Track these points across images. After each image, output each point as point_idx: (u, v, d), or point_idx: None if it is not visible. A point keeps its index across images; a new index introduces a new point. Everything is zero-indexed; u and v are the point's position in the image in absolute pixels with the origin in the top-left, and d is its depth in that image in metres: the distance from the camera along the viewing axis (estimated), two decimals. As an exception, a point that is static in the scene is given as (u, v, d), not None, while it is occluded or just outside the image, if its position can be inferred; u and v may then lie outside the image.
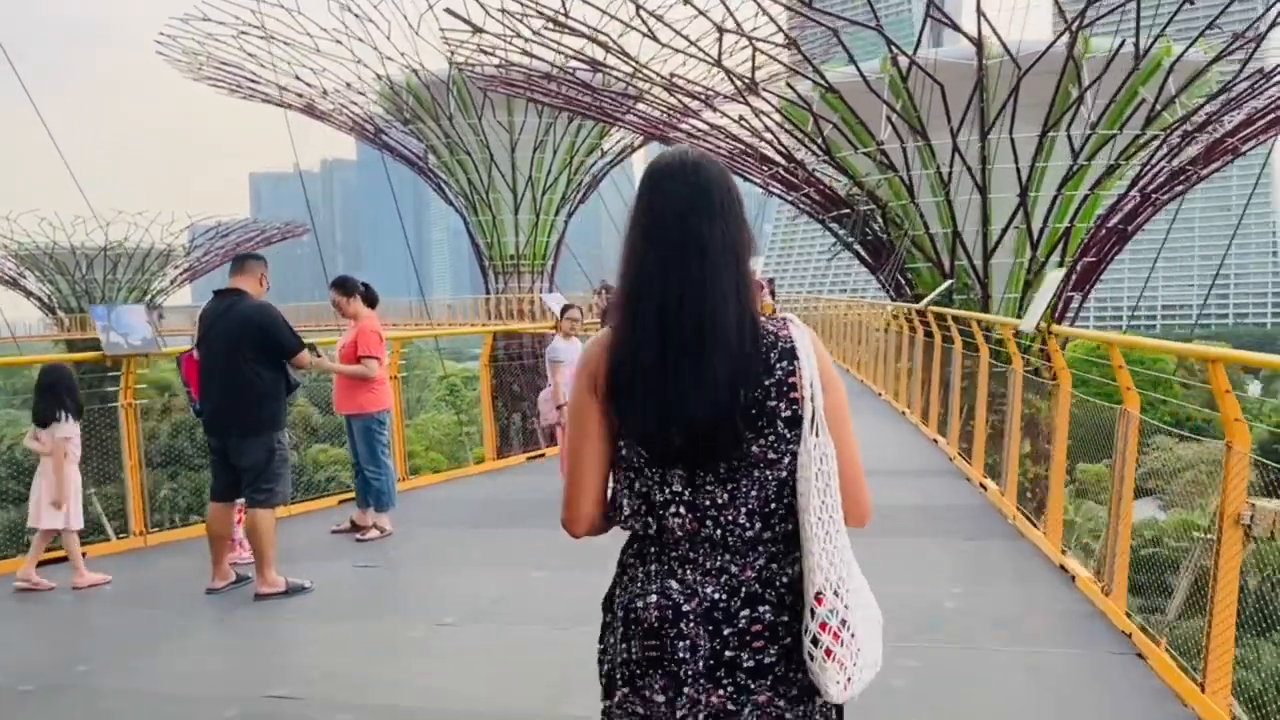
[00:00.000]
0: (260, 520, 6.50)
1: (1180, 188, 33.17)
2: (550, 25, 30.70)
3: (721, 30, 27.95)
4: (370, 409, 8.02)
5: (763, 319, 1.88)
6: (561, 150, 48.85)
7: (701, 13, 28.42)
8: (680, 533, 1.86)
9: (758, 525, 1.85)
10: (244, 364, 6.48)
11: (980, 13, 26.39)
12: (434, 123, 48.73)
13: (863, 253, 37.03)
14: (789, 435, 1.83)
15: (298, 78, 47.68)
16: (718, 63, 29.13)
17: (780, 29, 27.96)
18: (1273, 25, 24.36)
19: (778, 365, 1.84)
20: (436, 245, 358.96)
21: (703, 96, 32.19)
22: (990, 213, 31.87)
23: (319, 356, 7.57)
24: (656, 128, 37.14)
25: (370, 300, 8.21)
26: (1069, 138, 29.34)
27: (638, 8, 27.98)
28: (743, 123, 32.78)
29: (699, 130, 34.64)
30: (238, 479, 6.57)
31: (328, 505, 9.25)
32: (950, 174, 31.06)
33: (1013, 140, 29.18)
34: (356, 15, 44.97)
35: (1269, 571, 8.98)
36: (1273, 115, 30.11)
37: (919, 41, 29.91)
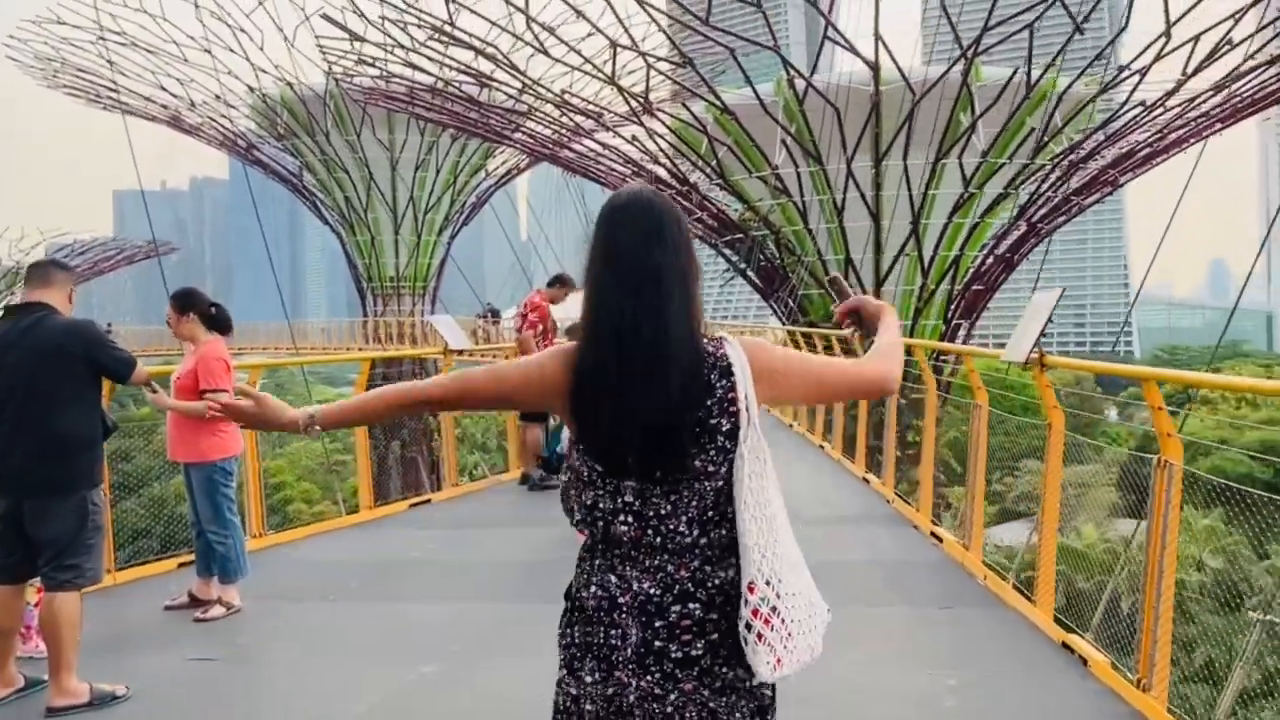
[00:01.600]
0: (62, 608, 4.90)
1: (1063, 218, 33.72)
2: (436, 36, 29.19)
3: (616, 47, 26.95)
4: (213, 456, 6.44)
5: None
6: (445, 170, 47.28)
7: (596, 27, 27.40)
8: (625, 539, 2.04)
9: (695, 532, 2.02)
10: (54, 400, 4.92)
11: (877, 37, 26.11)
12: (310, 139, 46.57)
13: (755, 279, 36.50)
14: (728, 446, 2.01)
15: (163, 88, 44.90)
16: (611, 80, 28.12)
17: (676, 48, 27.15)
18: (1156, 59, 24.75)
19: (718, 384, 2.02)
20: (312, 267, 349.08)
21: (595, 115, 31.12)
22: (883, 239, 31.72)
23: (155, 391, 6.05)
24: (546, 147, 35.92)
25: (220, 325, 6.65)
26: (960, 165, 29.36)
27: (529, 20, 26.73)
28: (636, 143, 31.83)
29: (591, 151, 33.56)
30: (33, 553, 4.98)
31: (163, 570, 7.58)
32: (844, 200, 30.74)
33: (906, 167, 29.02)
34: (228, 25, 42.59)
35: None
36: (1149, 149, 30.82)
37: (814, 67, 29.56)
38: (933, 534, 8.05)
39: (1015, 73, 26.69)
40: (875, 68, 26.70)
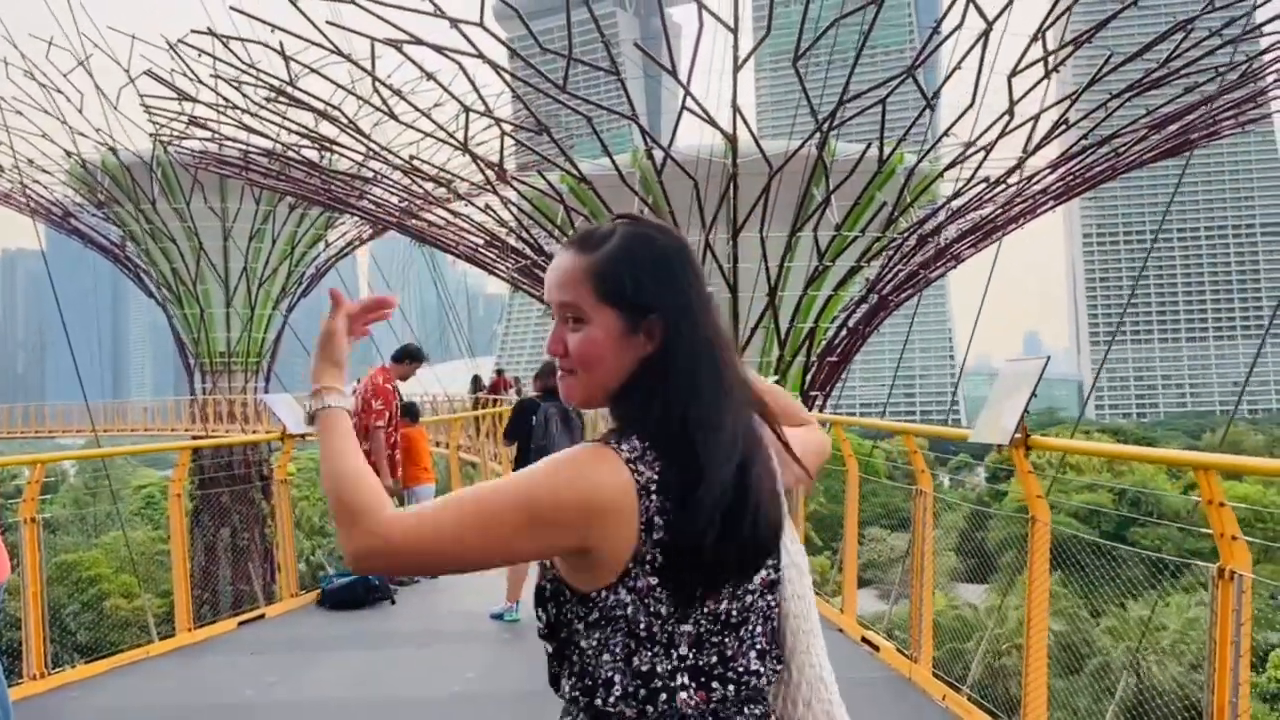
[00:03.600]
0: None
1: (910, 290, 34.43)
2: (275, 98, 27.47)
3: (469, 112, 25.93)
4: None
5: None
6: (281, 240, 44.93)
7: (448, 91, 26.35)
8: (689, 710, 1.53)
9: (764, 666, 1.61)
10: None
11: (735, 108, 26.03)
12: (134, 207, 43.49)
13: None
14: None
15: (-34, 150, 41.17)
16: (464, 147, 27.03)
17: (533, 114, 26.33)
18: (1002, 134, 25.55)
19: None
20: (135, 342, 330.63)
21: (446, 183, 29.88)
22: (740, 311, 31.51)
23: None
24: (393, 215, 34.39)
25: None
26: (815, 238, 29.52)
27: (376, 82, 25.43)
28: (490, 212, 30.73)
29: (442, 219, 32.26)
30: None
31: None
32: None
33: (763, 240, 28.95)
34: (42, 85, 39.53)
35: None
36: (990, 225, 31.87)
37: (673, 138, 29.27)
38: (864, 639, 7.06)
39: (868, 146, 27.06)
40: (733, 140, 26.58)
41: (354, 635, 8.06)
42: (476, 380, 33.52)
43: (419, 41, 23.52)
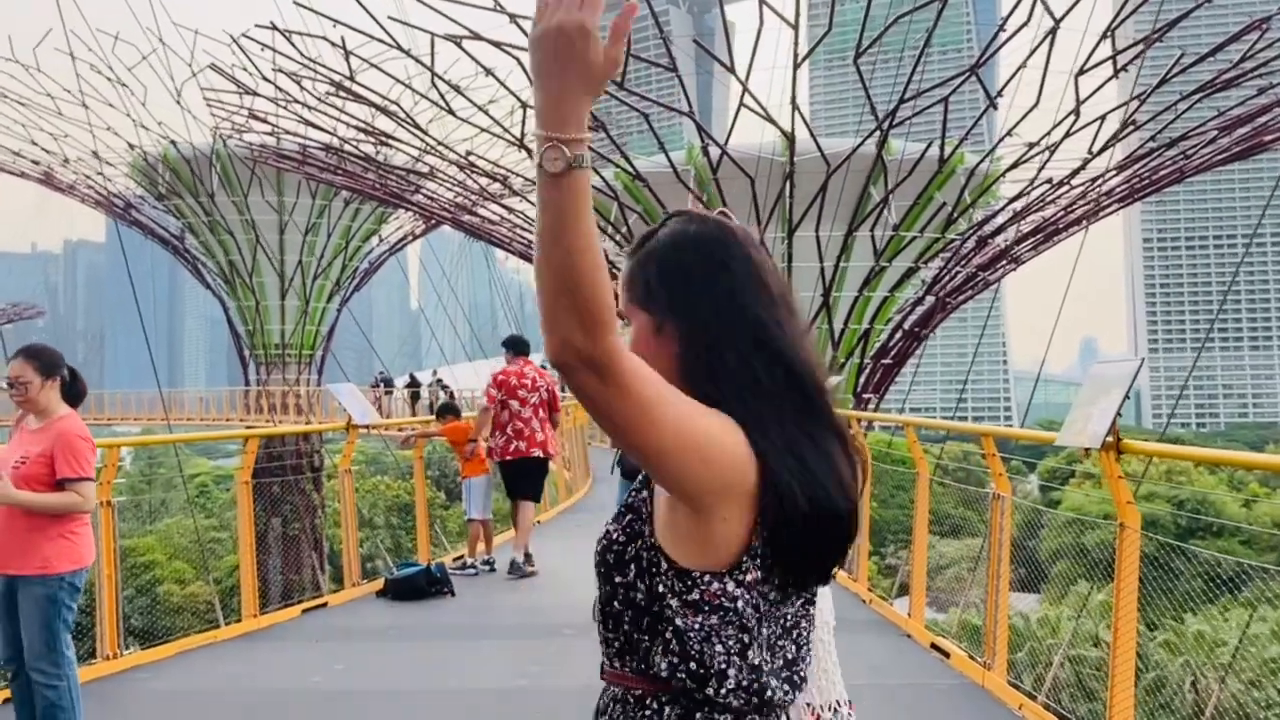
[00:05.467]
0: None
1: (970, 292, 33.92)
2: (335, 92, 27.76)
3: (526, 107, 25.98)
4: (58, 567, 4.88)
5: None
6: (336, 234, 45.48)
7: (505, 86, 26.43)
8: (781, 710, 1.55)
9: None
10: None
11: (794, 106, 25.80)
12: (194, 199, 44.27)
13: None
14: None
15: (34, 142, 42.17)
16: (519, 143, 27.11)
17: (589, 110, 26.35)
18: (1067, 135, 25.04)
19: None
20: (191, 334, 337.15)
21: (502, 179, 29.99)
22: (794, 311, 31.27)
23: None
24: (448, 210, 34.60)
25: (75, 396, 5.12)
26: (872, 238, 29.18)
27: (434, 77, 25.57)
28: (543, 208, 30.78)
29: (497, 215, 32.38)
30: None
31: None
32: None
33: (818, 239, 28.68)
34: (107, 78, 40.30)
35: None
36: (1052, 228, 31.29)
37: (729, 135, 29.09)
38: (934, 645, 6.90)
39: (929, 146, 26.68)
40: (791, 137, 26.35)
41: (417, 625, 8.06)
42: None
43: (478, 36, 23.61)
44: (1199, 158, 28.57)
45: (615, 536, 1.58)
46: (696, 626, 1.48)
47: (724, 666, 1.48)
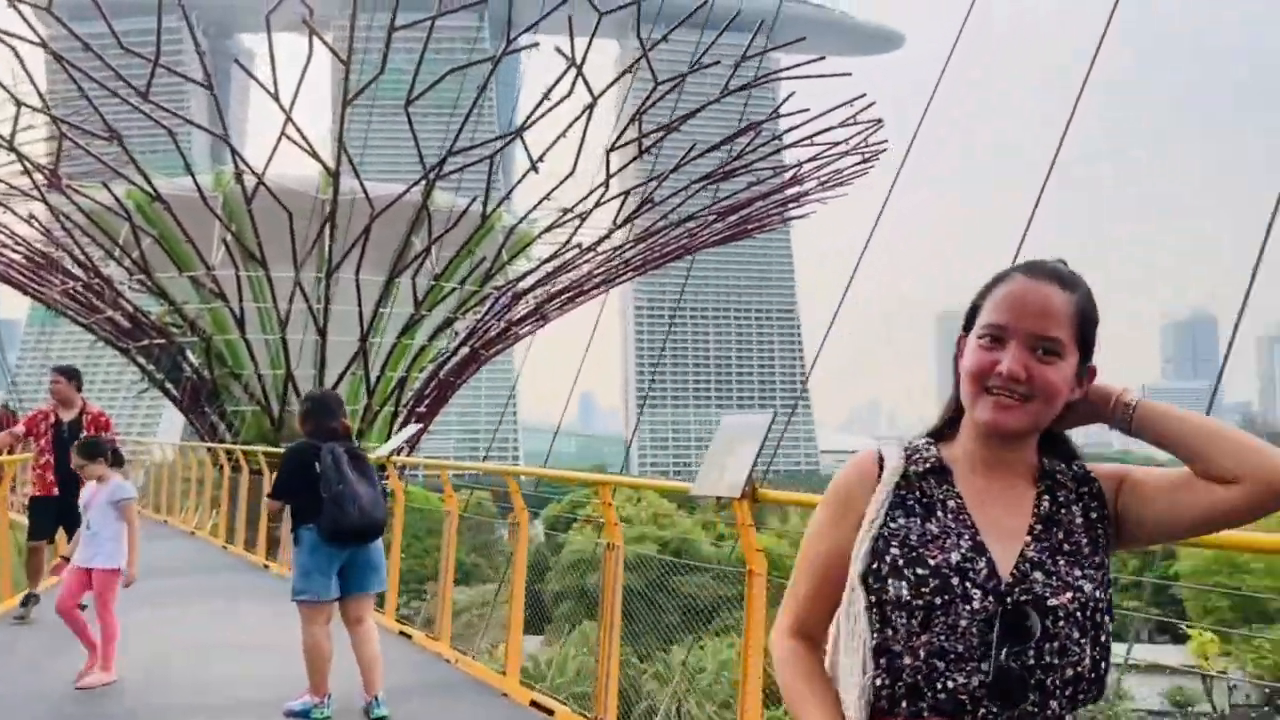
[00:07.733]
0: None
1: (502, 345, 35.03)
2: None
3: (20, 105, 22.30)
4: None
5: None
6: None
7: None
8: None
9: None
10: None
11: (341, 144, 24.99)
12: None
13: (174, 390, 32.27)
14: None
15: None
16: (9, 143, 23.19)
17: (101, 117, 23.22)
18: (597, 205, 26.98)
19: None
20: None
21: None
22: (327, 356, 30.04)
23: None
24: None
25: None
26: (413, 285, 29.06)
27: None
28: (34, 222, 26.55)
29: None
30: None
31: None
32: (289, 311, 28.58)
33: (358, 282, 27.91)
34: None
35: None
36: (578, 289, 33.48)
37: (268, 164, 27.33)
38: (534, 703, 6.77)
39: (473, 201, 27.24)
40: (335, 175, 25.42)
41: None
42: None
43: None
44: (700, 237, 32.38)
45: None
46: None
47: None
